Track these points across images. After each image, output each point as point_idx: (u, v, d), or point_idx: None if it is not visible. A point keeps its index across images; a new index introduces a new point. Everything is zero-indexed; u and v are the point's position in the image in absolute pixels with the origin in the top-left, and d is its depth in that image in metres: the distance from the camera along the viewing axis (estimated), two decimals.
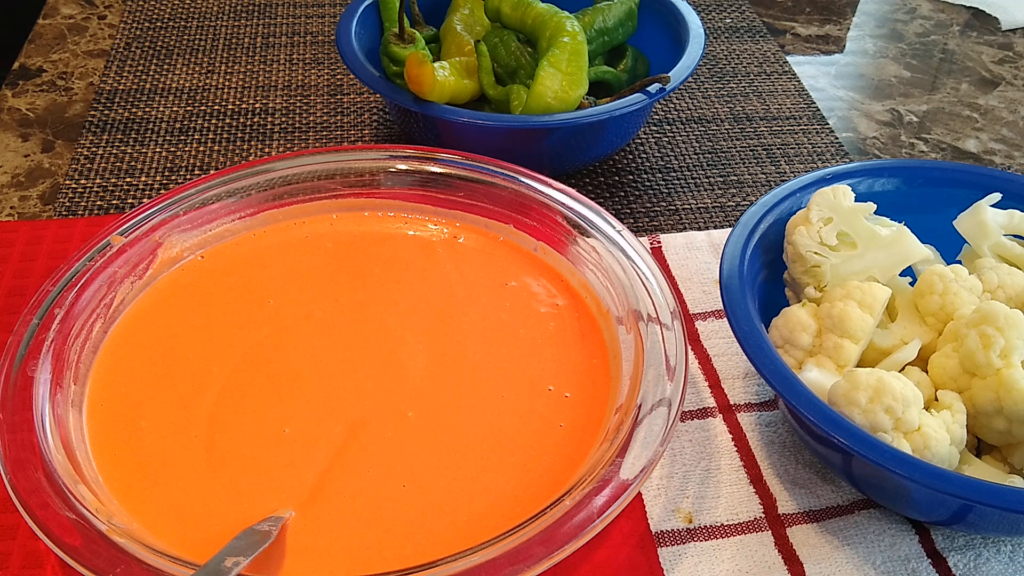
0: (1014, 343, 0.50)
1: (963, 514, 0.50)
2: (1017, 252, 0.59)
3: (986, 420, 0.51)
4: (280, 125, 0.82)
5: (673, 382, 0.51)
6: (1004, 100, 0.92)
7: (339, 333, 0.59)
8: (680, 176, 0.79)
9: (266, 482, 0.51)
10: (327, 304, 0.60)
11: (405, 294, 0.61)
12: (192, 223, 0.62)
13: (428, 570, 0.44)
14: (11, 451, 0.47)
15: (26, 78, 0.87)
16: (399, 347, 0.58)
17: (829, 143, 0.84)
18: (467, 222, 0.66)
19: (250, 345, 0.58)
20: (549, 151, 0.73)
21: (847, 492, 0.55)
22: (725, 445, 0.58)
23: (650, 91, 0.71)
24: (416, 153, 0.66)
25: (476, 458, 0.52)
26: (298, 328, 0.59)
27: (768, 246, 0.59)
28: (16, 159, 0.78)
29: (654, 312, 0.55)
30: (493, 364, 0.57)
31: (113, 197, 0.74)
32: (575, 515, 0.45)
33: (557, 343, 0.58)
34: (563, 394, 0.56)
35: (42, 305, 0.55)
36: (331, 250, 0.64)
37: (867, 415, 0.48)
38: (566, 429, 0.54)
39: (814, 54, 0.97)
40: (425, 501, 0.50)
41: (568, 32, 0.71)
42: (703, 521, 0.54)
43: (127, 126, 0.81)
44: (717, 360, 0.63)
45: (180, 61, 0.90)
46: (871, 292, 0.54)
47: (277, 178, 0.65)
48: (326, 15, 0.98)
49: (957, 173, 0.63)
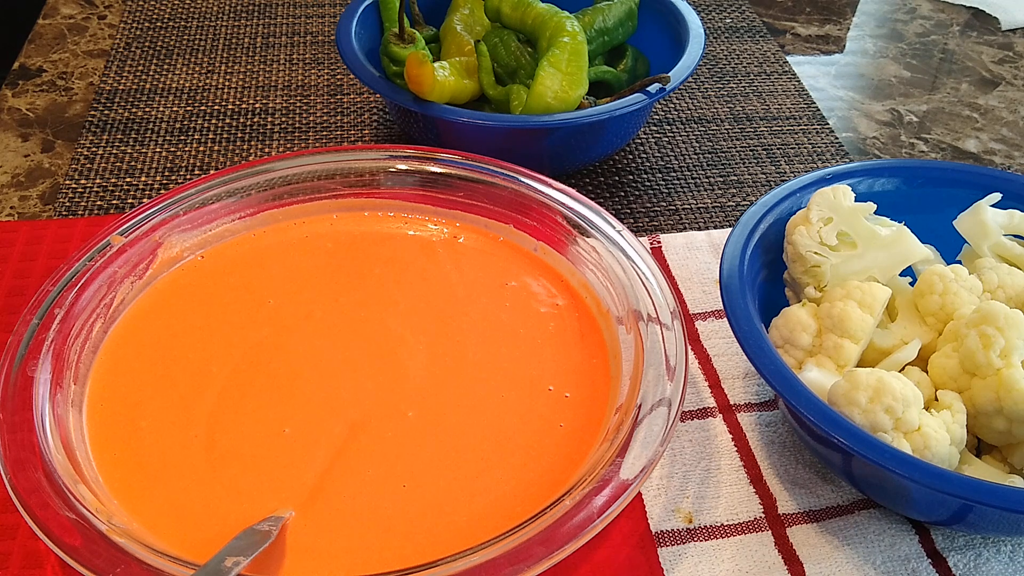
0: (1014, 343, 0.50)
1: (963, 514, 0.50)
2: (1017, 252, 0.59)
3: (986, 420, 0.51)
4: (280, 125, 0.82)
5: (673, 382, 0.51)
6: (1004, 100, 0.92)
7: (339, 333, 0.59)
8: (680, 176, 0.79)
9: (266, 482, 0.51)
10: (327, 304, 0.60)
11: (405, 294, 0.61)
12: (192, 223, 0.62)
13: (428, 570, 0.44)
14: (11, 451, 0.47)
15: (26, 78, 0.87)
16: (399, 347, 0.58)
17: (829, 143, 0.84)
18: (467, 222, 0.66)
19: (250, 345, 0.58)
20: (549, 151, 0.73)
21: (847, 492, 0.55)
22: (725, 445, 0.58)
23: (650, 91, 0.71)
24: (416, 153, 0.66)
25: (476, 458, 0.52)
26: (298, 328, 0.59)
27: (768, 246, 0.59)
28: (16, 159, 0.78)
29: (654, 312, 0.55)
30: (493, 364, 0.57)
31: (113, 197, 0.74)
32: (575, 515, 0.45)
33: (557, 343, 0.58)
34: (563, 394, 0.56)
35: (42, 305, 0.55)
36: (331, 250, 0.64)
37: (867, 415, 0.48)
38: (566, 429, 0.54)
39: (814, 54, 0.97)
40: (425, 501, 0.50)
41: (568, 32, 0.71)
42: (703, 521, 0.54)
43: (127, 126, 0.82)
44: (717, 360, 0.63)
45: (180, 61, 0.90)
46: (871, 292, 0.54)
47: (277, 178, 0.65)
48: (326, 15, 0.98)
49: (957, 173, 0.63)
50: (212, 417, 0.54)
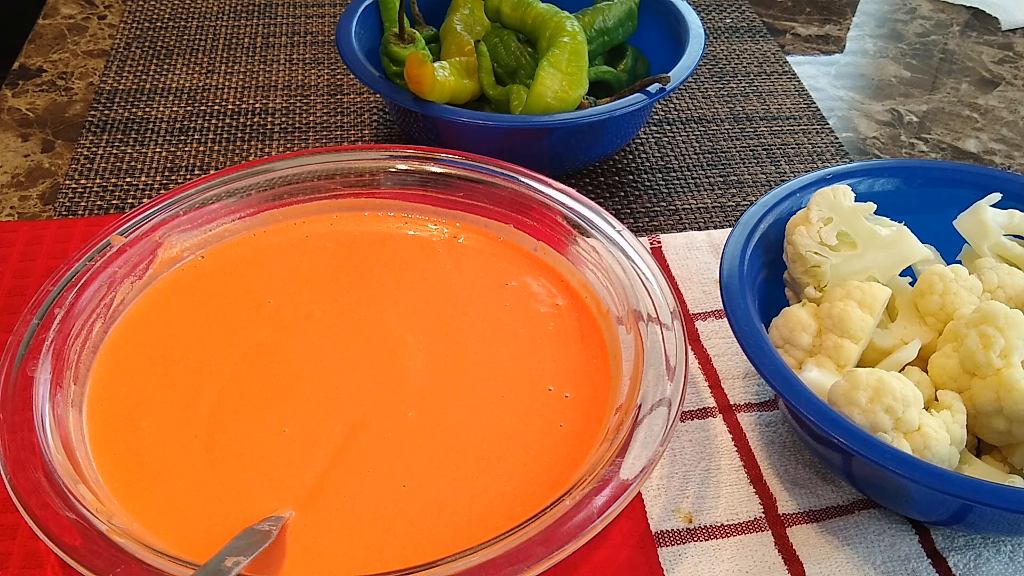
0: (1014, 343, 0.50)
1: (963, 514, 0.50)
2: (1017, 252, 0.59)
3: (986, 420, 0.51)
4: (280, 125, 0.82)
5: (673, 382, 0.51)
6: (1004, 100, 0.92)
7: (339, 333, 0.59)
8: (680, 176, 0.79)
9: (266, 482, 0.51)
10: (327, 304, 0.60)
11: (405, 294, 0.61)
12: (192, 223, 0.62)
13: (428, 570, 0.44)
14: (11, 451, 0.47)
15: (26, 78, 0.87)
16: (399, 347, 0.58)
17: (829, 143, 0.84)
18: (467, 222, 0.66)
19: (250, 345, 0.58)
20: (549, 151, 0.73)
21: (847, 492, 0.55)
22: (725, 445, 0.58)
23: (650, 91, 0.71)
24: (416, 153, 0.66)
25: (476, 458, 0.52)
26: (298, 328, 0.59)
27: (768, 246, 0.59)
28: (16, 159, 0.78)
29: (654, 312, 0.55)
30: (493, 364, 0.57)
31: (113, 197, 0.74)
32: (575, 515, 0.45)
33: (557, 343, 0.58)
34: (563, 394, 0.56)
35: (42, 305, 0.55)
36: (331, 250, 0.64)
37: (867, 415, 0.48)
38: (566, 429, 0.54)
39: (814, 54, 0.97)
40: (425, 501, 0.50)
41: (568, 32, 0.71)
42: (703, 521, 0.54)
43: (127, 126, 0.82)
44: (717, 360, 0.63)
45: (180, 61, 0.90)
46: (871, 292, 0.54)
47: (277, 178, 0.65)
48: (326, 15, 0.98)
49: (957, 173, 0.63)
50: (212, 417, 0.54)
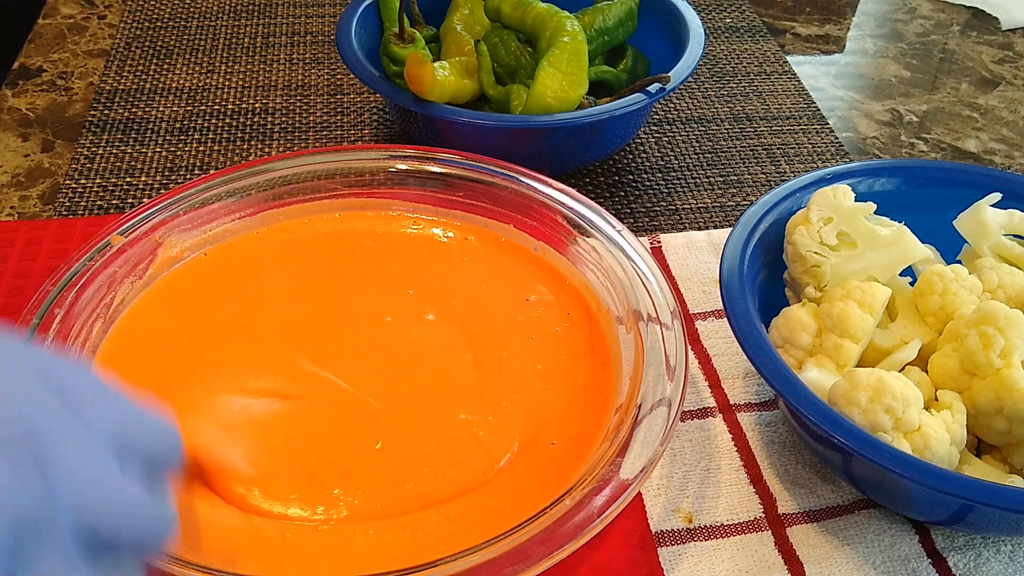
0: (1014, 343, 0.50)
1: (963, 514, 0.50)
2: (1017, 252, 0.59)
3: (986, 420, 0.51)
4: (280, 125, 0.82)
5: (673, 382, 0.51)
6: (1004, 100, 0.92)
7: (339, 333, 0.59)
8: (680, 176, 0.79)
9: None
10: (327, 304, 0.60)
11: (405, 294, 0.61)
12: (192, 223, 0.62)
13: (428, 570, 0.44)
14: None
15: (26, 78, 0.87)
16: (400, 347, 0.58)
17: (829, 143, 0.84)
18: (467, 222, 0.66)
19: (250, 345, 0.58)
20: (549, 151, 0.73)
21: (847, 492, 0.55)
22: (725, 445, 0.58)
23: (650, 91, 0.71)
24: (416, 153, 0.66)
25: (477, 455, 0.52)
26: (299, 327, 0.59)
27: (768, 246, 0.59)
28: (16, 159, 0.78)
29: (654, 312, 0.55)
30: (494, 364, 0.57)
31: (113, 197, 0.74)
32: (575, 515, 0.45)
33: (557, 342, 0.58)
34: (563, 394, 0.55)
35: (42, 305, 0.55)
36: (332, 250, 0.64)
37: (867, 415, 0.48)
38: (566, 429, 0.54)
39: (814, 54, 0.97)
40: (426, 500, 0.50)
41: (568, 32, 0.71)
42: (703, 521, 0.54)
43: (127, 126, 0.81)
44: (717, 360, 0.63)
45: (180, 61, 0.90)
46: (871, 292, 0.54)
47: (277, 178, 0.65)
48: (326, 15, 0.98)
49: (957, 173, 0.63)
50: (213, 417, 0.53)
